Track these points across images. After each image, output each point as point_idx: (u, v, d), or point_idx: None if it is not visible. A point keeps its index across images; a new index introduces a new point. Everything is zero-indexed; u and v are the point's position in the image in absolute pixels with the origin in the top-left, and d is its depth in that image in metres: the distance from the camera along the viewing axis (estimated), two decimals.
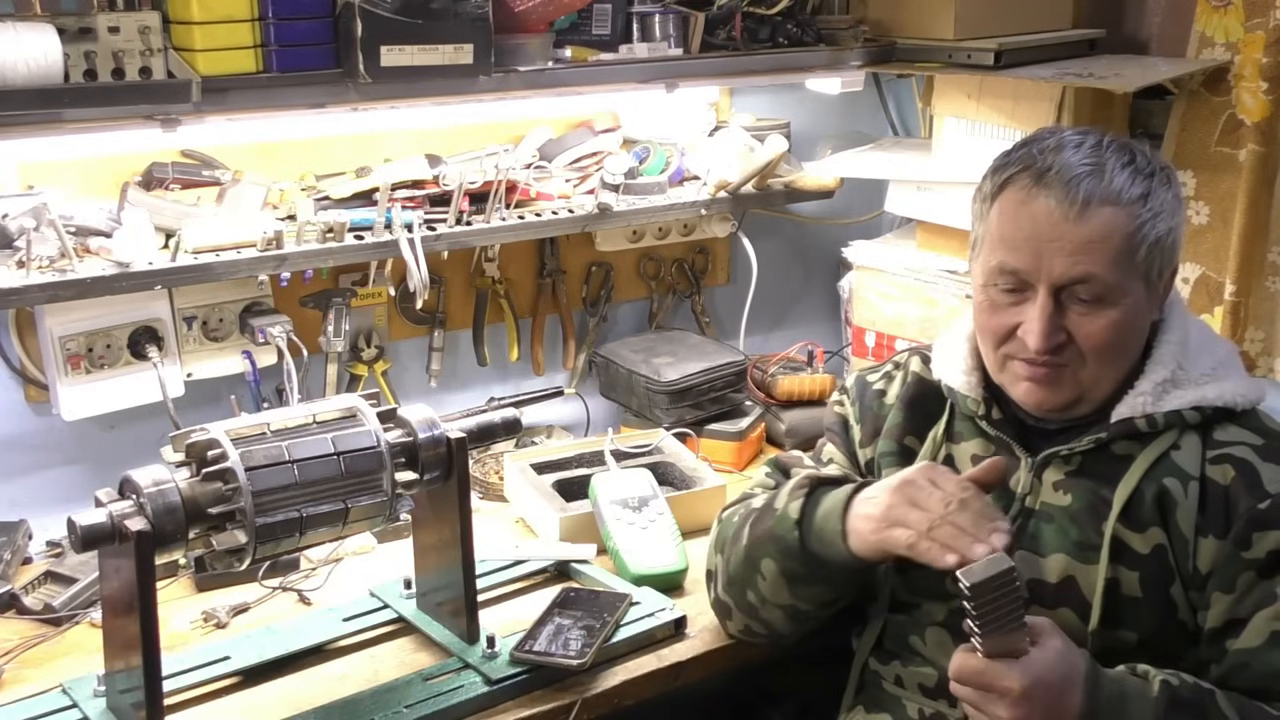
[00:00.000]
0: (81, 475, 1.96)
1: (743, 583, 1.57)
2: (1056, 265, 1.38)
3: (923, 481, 1.39)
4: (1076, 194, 1.36)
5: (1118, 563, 1.40)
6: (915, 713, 1.52)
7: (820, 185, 2.43)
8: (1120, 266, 1.38)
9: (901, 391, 1.63)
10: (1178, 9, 2.28)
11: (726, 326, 2.60)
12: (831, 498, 1.47)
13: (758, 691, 1.98)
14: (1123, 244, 1.37)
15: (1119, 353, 1.43)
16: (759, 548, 1.53)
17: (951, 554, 1.31)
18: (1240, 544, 1.37)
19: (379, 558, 1.91)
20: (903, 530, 1.37)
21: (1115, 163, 1.39)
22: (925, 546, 1.34)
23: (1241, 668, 1.36)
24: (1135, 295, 1.40)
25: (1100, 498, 1.43)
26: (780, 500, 1.52)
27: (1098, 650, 1.38)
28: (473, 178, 2.02)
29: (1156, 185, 1.40)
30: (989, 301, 1.45)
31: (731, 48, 2.17)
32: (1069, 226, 1.37)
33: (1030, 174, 1.40)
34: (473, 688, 1.54)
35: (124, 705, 1.45)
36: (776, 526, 1.50)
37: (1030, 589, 1.42)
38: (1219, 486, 1.39)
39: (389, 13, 1.73)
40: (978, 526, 1.32)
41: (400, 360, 2.25)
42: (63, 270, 1.73)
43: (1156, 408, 1.43)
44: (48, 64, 1.55)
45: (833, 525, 1.44)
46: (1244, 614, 1.36)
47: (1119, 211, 1.37)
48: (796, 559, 1.49)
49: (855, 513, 1.43)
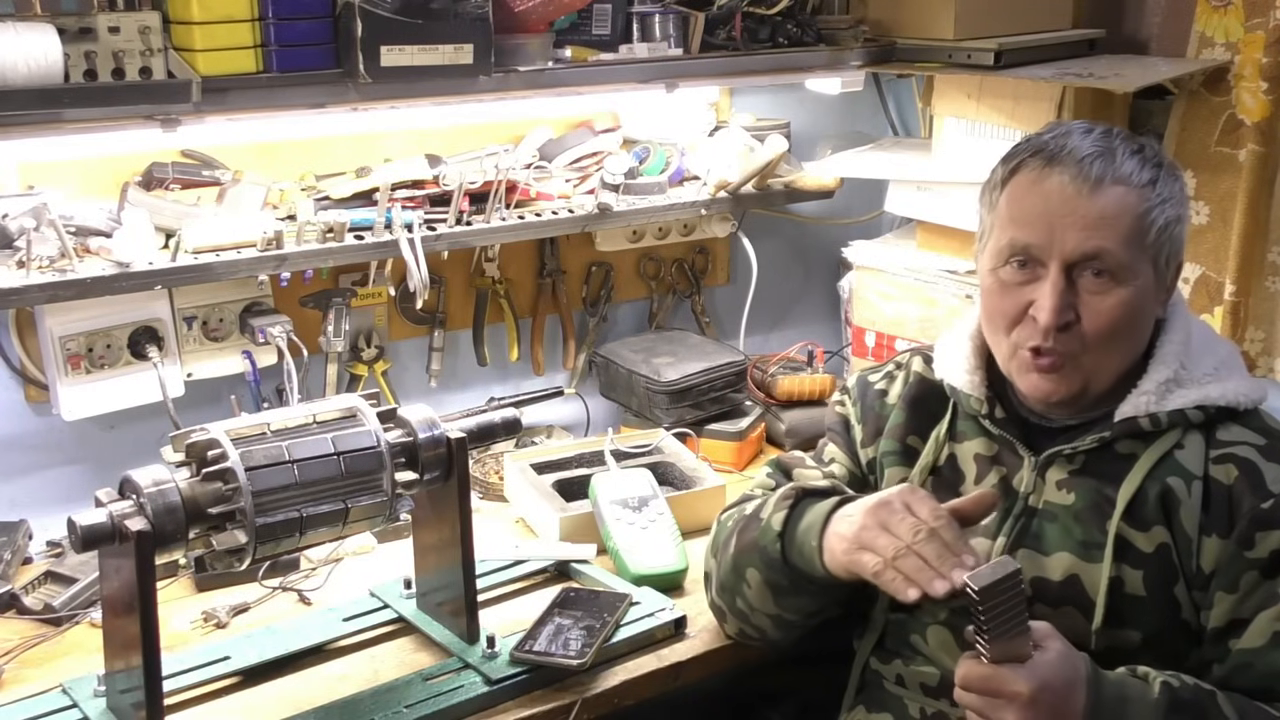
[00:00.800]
0: (81, 475, 1.96)
1: (732, 590, 1.58)
2: (1070, 239, 1.38)
3: (898, 505, 1.36)
4: (1090, 171, 1.38)
5: (1121, 561, 1.40)
6: (917, 712, 1.52)
7: (820, 185, 2.43)
8: (1131, 245, 1.39)
9: (903, 391, 1.63)
10: (1178, 9, 2.28)
11: (726, 326, 2.60)
12: (814, 511, 1.47)
13: (758, 691, 1.98)
14: (1134, 223, 1.39)
15: (1124, 338, 1.43)
16: (744, 556, 1.54)
17: (913, 588, 1.30)
18: (1243, 543, 1.37)
19: (379, 558, 1.91)
20: (870, 555, 1.35)
21: (1124, 149, 1.41)
22: (889, 576, 1.32)
23: (1244, 668, 1.36)
24: (1145, 278, 1.41)
25: (1104, 496, 1.43)
26: (766, 510, 1.52)
27: (1101, 649, 1.38)
28: (473, 178, 2.02)
29: (1164, 174, 1.42)
30: (999, 284, 1.45)
31: (731, 48, 2.17)
32: (1082, 201, 1.38)
33: (1042, 157, 1.42)
34: (473, 688, 1.54)
35: (124, 705, 1.45)
36: (760, 537, 1.50)
37: (1034, 588, 1.42)
38: (1222, 486, 1.39)
39: (389, 13, 1.73)
40: (941, 560, 1.29)
41: (400, 360, 2.25)
42: (63, 270, 1.73)
43: (1160, 407, 1.43)
44: (48, 64, 1.55)
45: (811, 540, 1.44)
46: (1247, 614, 1.36)
47: (1130, 191, 1.39)
48: (779, 571, 1.49)
49: (832, 530, 1.42)
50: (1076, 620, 1.41)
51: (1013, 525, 1.48)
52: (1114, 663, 1.38)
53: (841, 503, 1.45)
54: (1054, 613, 1.42)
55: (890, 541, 1.33)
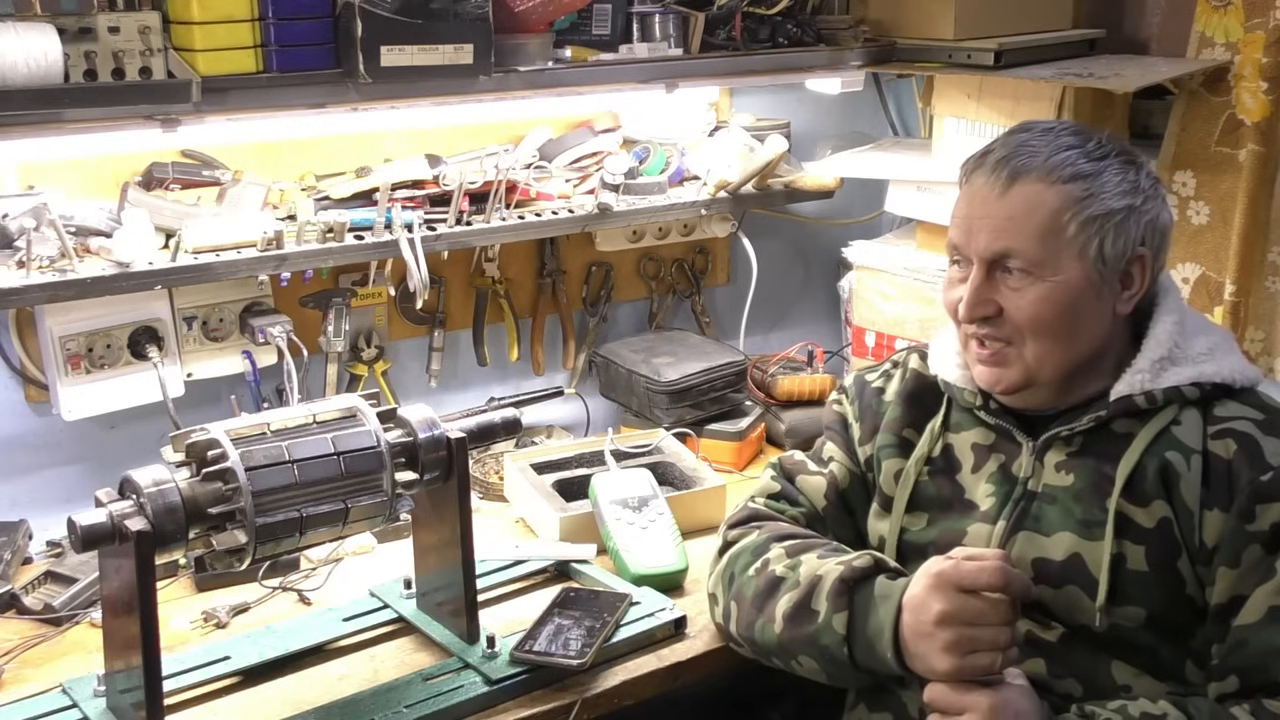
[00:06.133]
0: (81, 475, 1.96)
1: (769, 655, 1.55)
2: (981, 239, 1.45)
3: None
4: (1003, 171, 1.44)
5: (1123, 538, 1.41)
6: (916, 712, 1.52)
7: (820, 185, 2.43)
8: (1045, 242, 1.42)
9: (900, 388, 1.64)
10: (1178, 9, 2.29)
11: (726, 326, 2.60)
12: (878, 613, 1.41)
13: (758, 691, 1.98)
14: (1047, 219, 1.42)
15: (1057, 330, 1.44)
16: (798, 645, 1.49)
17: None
18: (1244, 517, 1.37)
19: (379, 558, 1.91)
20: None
21: (1060, 144, 1.44)
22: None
23: (1240, 645, 1.36)
24: (1070, 274, 1.43)
25: (1103, 475, 1.44)
26: (820, 603, 1.45)
27: (1107, 628, 1.40)
28: (473, 178, 2.02)
29: (1105, 168, 1.43)
30: (947, 279, 1.54)
31: (731, 48, 2.17)
32: (994, 202, 1.44)
33: (979, 158, 1.48)
34: (473, 688, 1.54)
35: (124, 705, 1.44)
36: (820, 635, 1.45)
37: (1036, 569, 1.44)
38: (1221, 460, 1.40)
39: (389, 13, 1.73)
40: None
41: (400, 360, 2.25)
42: (63, 270, 1.73)
43: (1155, 384, 1.44)
44: (48, 64, 1.55)
45: (885, 650, 1.40)
46: (1247, 590, 1.37)
47: (1047, 189, 1.42)
48: (845, 669, 1.46)
49: (909, 631, 1.39)
50: (1080, 599, 1.42)
51: (1012, 509, 1.49)
52: (1121, 643, 1.39)
53: (900, 587, 1.42)
54: (1057, 593, 1.43)
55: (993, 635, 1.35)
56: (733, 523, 1.67)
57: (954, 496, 1.55)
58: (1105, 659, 1.43)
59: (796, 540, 1.57)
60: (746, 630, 1.55)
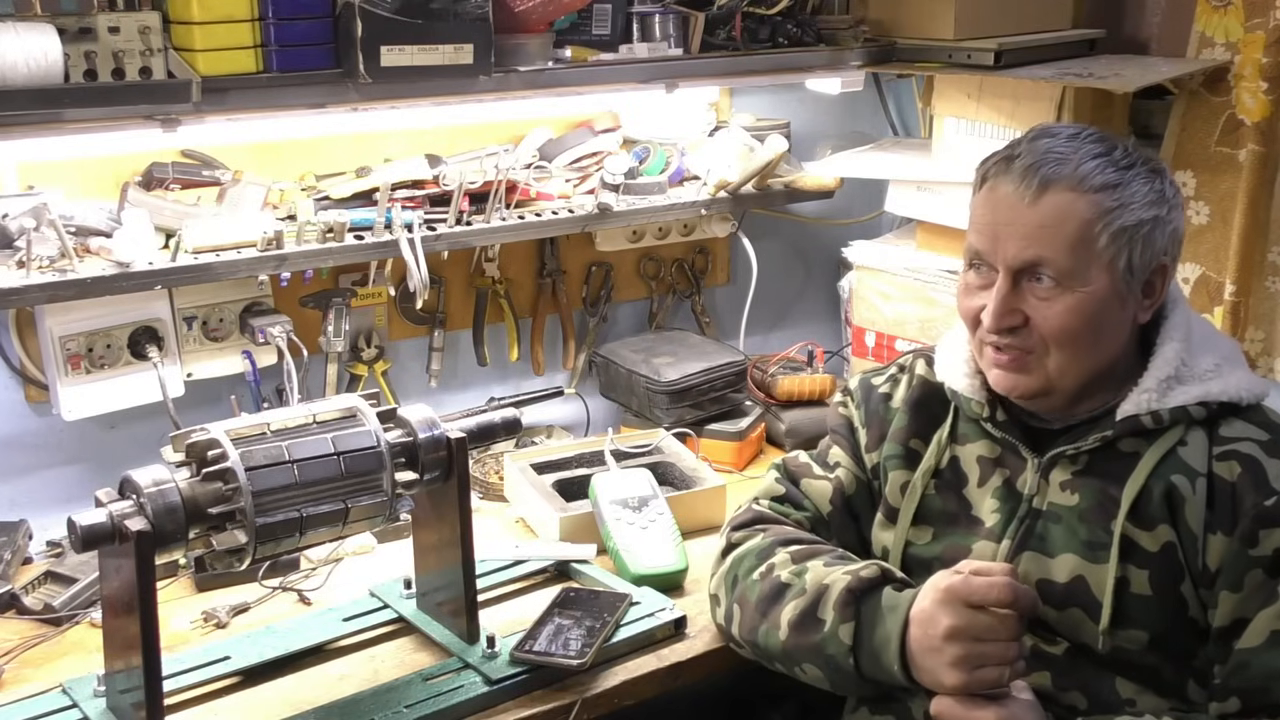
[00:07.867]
0: (81, 475, 1.96)
1: (772, 660, 1.55)
2: (1010, 248, 1.41)
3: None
4: (1034, 179, 1.40)
5: (1127, 561, 1.40)
6: (919, 713, 1.51)
7: (820, 185, 2.43)
8: (1076, 252, 1.39)
9: (906, 395, 1.63)
10: (1178, 9, 2.29)
11: (726, 326, 2.60)
12: (885, 625, 1.41)
13: (758, 691, 1.98)
14: (1079, 230, 1.39)
15: (1082, 341, 1.43)
16: (803, 654, 1.48)
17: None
18: (1247, 541, 1.37)
19: (379, 558, 1.91)
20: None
21: (1087, 152, 1.41)
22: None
23: (1242, 667, 1.36)
24: (1098, 284, 1.41)
25: (1108, 496, 1.43)
26: (826, 612, 1.45)
27: (1109, 650, 1.39)
28: (473, 178, 2.02)
29: (1133, 177, 1.41)
30: (964, 285, 1.50)
31: (731, 48, 2.17)
32: (1023, 210, 1.41)
33: (1001, 164, 1.44)
34: (473, 688, 1.54)
35: (124, 705, 1.44)
36: (826, 645, 1.45)
37: (1039, 590, 1.42)
38: (1226, 483, 1.39)
39: (389, 13, 1.73)
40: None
41: (400, 360, 2.25)
42: (63, 270, 1.73)
43: (1161, 404, 1.43)
44: (48, 64, 1.55)
45: (891, 662, 1.40)
46: (1250, 613, 1.36)
47: (1079, 198, 1.39)
48: (851, 679, 1.46)
49: (917, 645, 1.39)
50: (1083, 622, 1.41)
51: (1017, 528, 1.48)
52: (1124, 662, 1.38)
53: (908, 599, 1.42)
54: (1060, 615, 1.42)
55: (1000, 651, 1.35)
56: (736, 524, 1.66)
57: (960, 511, 1.54)
58: (1109, 675, 1.42)
59: (802, 546, 1.56)
60: (749, 634, 1.55)
